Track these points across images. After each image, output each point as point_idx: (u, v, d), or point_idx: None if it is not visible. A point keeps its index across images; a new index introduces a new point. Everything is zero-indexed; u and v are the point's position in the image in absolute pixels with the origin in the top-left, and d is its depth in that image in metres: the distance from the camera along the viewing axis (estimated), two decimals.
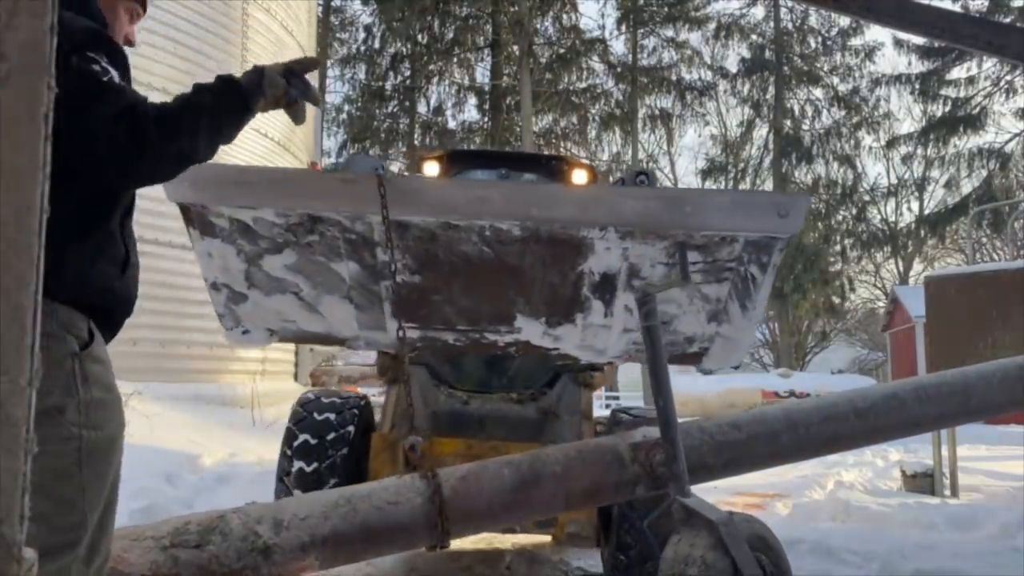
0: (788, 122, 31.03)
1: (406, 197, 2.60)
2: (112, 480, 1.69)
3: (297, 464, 4.01)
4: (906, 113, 35.49)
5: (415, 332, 3.00)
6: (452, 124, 27.62)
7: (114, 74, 1.63)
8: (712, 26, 30.43)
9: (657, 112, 30.39)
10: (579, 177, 4.82)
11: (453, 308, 2.92)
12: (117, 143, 1.56)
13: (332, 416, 4.09)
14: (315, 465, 3.99)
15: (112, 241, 1.73)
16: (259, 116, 1.99)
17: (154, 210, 8.74)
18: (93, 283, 1.67)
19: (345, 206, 2.60)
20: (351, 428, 4.06)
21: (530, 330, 2.94)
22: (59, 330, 1.54)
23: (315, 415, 4.10)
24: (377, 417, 4.41)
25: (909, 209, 33.77)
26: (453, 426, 4.22)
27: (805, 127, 31.45)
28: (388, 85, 27.53)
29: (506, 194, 2.62)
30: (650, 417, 3.82)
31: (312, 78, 2.01)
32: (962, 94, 30.78)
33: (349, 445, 4.02)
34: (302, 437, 4.06)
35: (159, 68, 8.87)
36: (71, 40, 1.52)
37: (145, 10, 2.01)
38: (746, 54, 31.56)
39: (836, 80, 31.58)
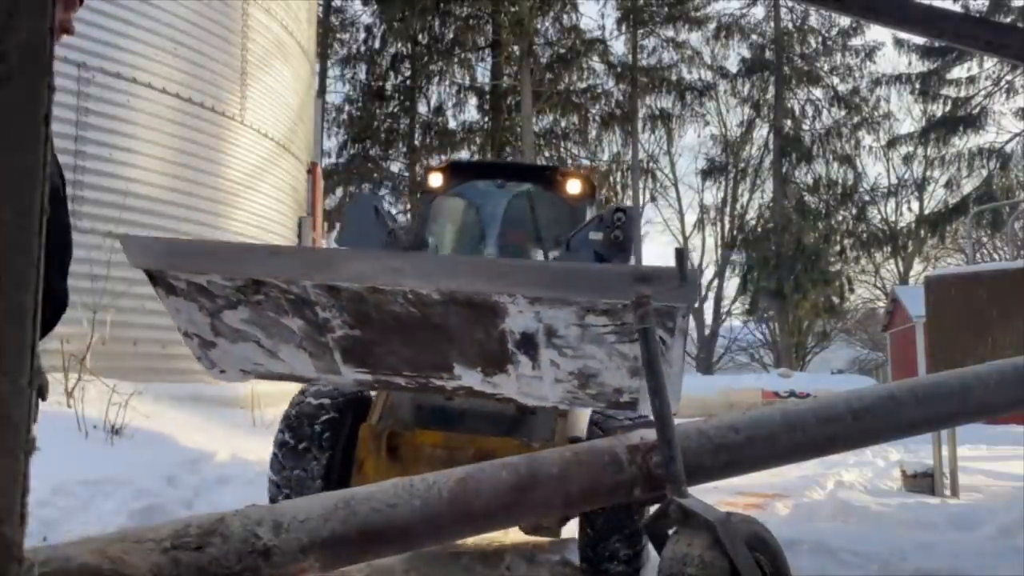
0: (788, 122, 31.05)
1: (329, 267, 2.92)
2: None
3: (287, 465, 4.33)
4: (906, 113, 35.61)
5: (368, 376, 3.27)
6: (452, 124, 27.67)
7: None
8: (712, 26, 30.51)
9: (657, 112, 30.45)
10: (573, 187, 5.06)
11: (395, 358, 3.16)
12: None
13: (322, 415, 4.37)
14: (301, 469, 4.30)
15: None
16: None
17: (155, 210, 8.78)
18: None
19: (276, 273, 2.88)
20: (339, 425, 4.34)
21: (469, 378, 3.13)
22: None
23: (304, 417, 4.38)
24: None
25: (909, 209, 33.83)
26: (435, 419, 4.42)
27: (805, 127, 31.50)
28: (388, 85, 27.55)
29: (418, 266, 2.88)
30: (626, 424, 3.99)
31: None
32: (962, 94, 30.83)
33: (337, 441, 4.32)
34: (290, 438, 4.35)
35: (159, 68, 8.88)
36: None
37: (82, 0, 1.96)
38: (746, 54, 31.64)
39: (836, 80, 31.65)
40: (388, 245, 4.77)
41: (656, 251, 57.84)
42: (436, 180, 5.40)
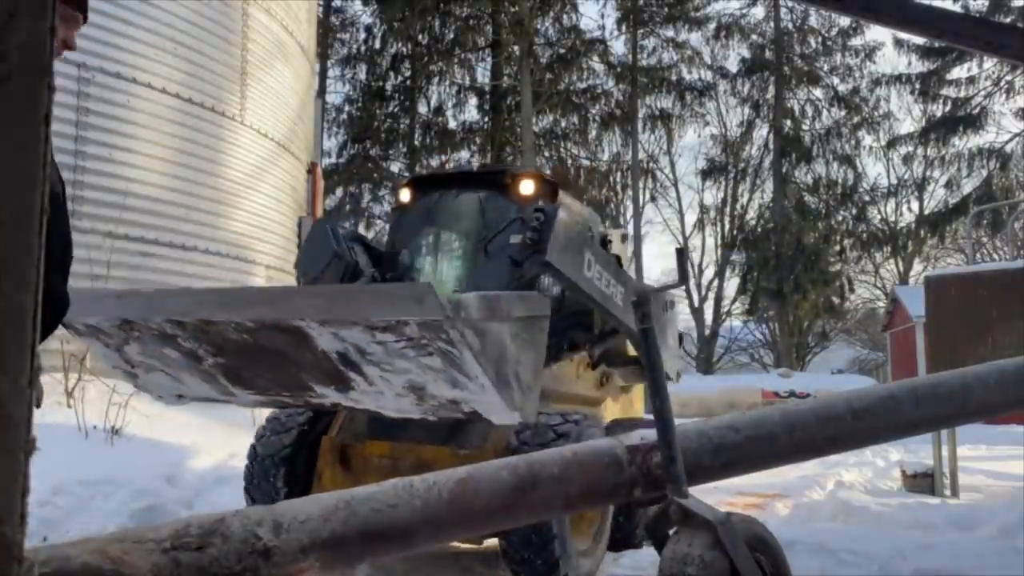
0: (788, 122, 31.04)
1: (151, 305, 3.29)
2: None
3: (255, 478, 4.67)
4: (906, 113, 35.60)
5: (261, 397, 3.52)
6: (452, 124, 27.65)
7: None
8: (712, 26, 30.51)
9: (657, 112, 30.43)
10: (526, 187, 5.01)
11: (265, 380, 3.38)
12: None
13: (288, 431, 4.68)
14: (270, 478, 4.62)
15: None
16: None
17: (155, 211, 8.77)
18: None
19: (130, 313, 3.24)
20: (302, 441, 4.66)
21: (332, 396, 3.30)
22: None
23: (270, 434, 4.71)
24: None
25: (909, 209, 33.83)
26: (382, 431, 4.59)
27: (805, 127, 31.48)
28: (388, 85, 27.54)
29: (220, 299, 3.13)
30: (550, 437, 4.12)
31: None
32: (962, 94, 30.83)
33: (298, 455, 4.65)
34: (258, 452, 4.67)
35: (159, 68, 8.88)
36: None
37: (86, 18, 2.02)
38: (746, 54, 31.63)
39: (836, 80, 31.65)
40: (329, 269, 4.98)
41: (656, 251, 57.86)
42: (405, 195, 5.51)
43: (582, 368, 5.16)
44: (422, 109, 27.80)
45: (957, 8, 25.23)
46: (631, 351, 5.42)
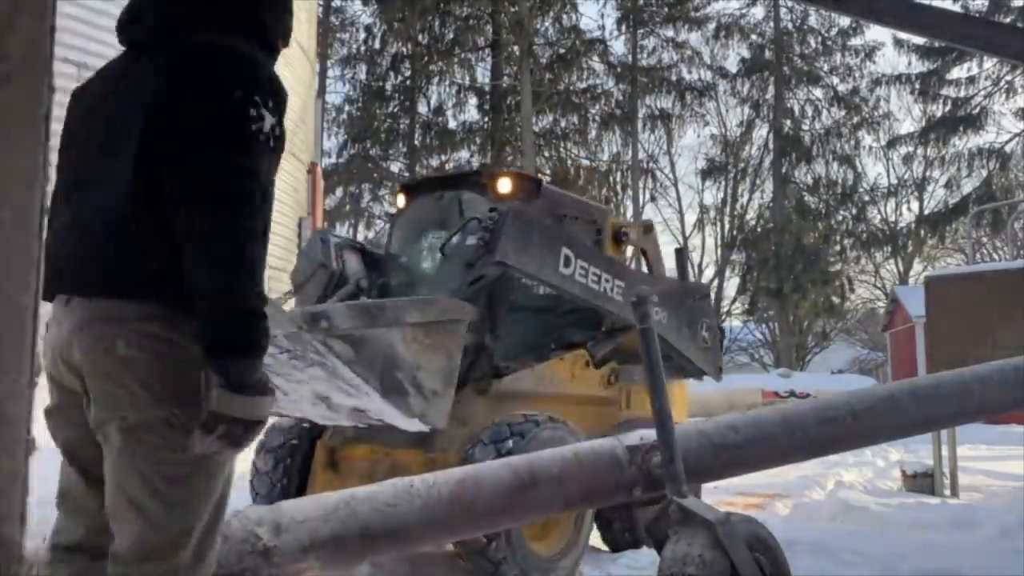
0: (788, 122, 31.02)
1: None
2: (223, 489, 1.69)
3: (259, 476, 4.85)
4: (906, 113, 35.61)
5: None
6: (452, 124, 27.64)
7: (267, 125, 1.58)
8: (712, 26, 30.45)
9: (657, 112, 30.40)
10: (503, 186, 4.97)
11: None
12: (201, 192, 1.51)
13: (287, 435, 4.85)
14: (271, 479, 4.79)
15: None
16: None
17: None
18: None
19: None
20: (297, 447, 4.84)
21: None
22: (187, 340, 1.54)
23: (273, 437, 4.87)
24: None
25: (909, 209, 33.79)
26: (366, 434, 4.57)
27: (805, 127, 31.45)
28: (388, 85, 27.53)
29: None
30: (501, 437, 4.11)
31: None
32: (962, 94, 30.83)
33: (294, 460, 4.83)
34: (262, 455, 4.88)
35: None
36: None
37: (286, 42, 1.95)
38: (746, 54, 31.58)
39: (836, 80, 31.60)
40: (313, 279, 5.18)
41: None
42: (400, 201, 5.63)
43: (579, 367, 5.07)
44: (422, 109, 27.81)
45: (957, 8, 25.23)
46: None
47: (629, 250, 6.04)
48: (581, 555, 4.53)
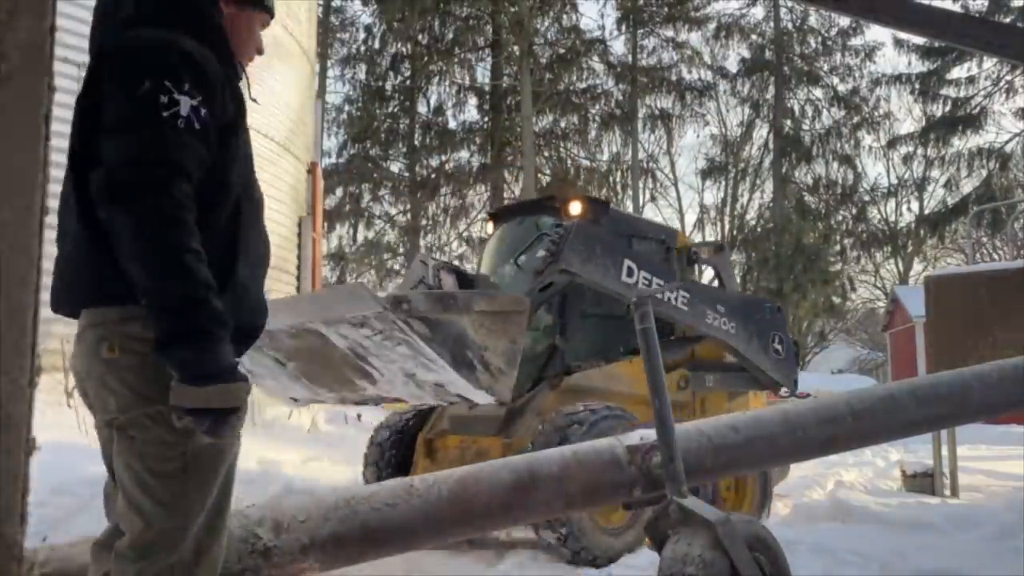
0: (788, 122, 31.01)
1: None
2: (223, 486, 1.70)
3: (369, 467, 5.64)
4: (906, 113, 35.58)
5: (334, 395, 4.22)
6: (452, 124, 27.63)
7: (184, 108, 1.54)
8: (712, 26, 30.44)
9: (657, 112, 30.38)
10: (573, 208, 5.69)
11: (329, 379, 4.07)
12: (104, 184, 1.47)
13: (392, 430, 5.69)
14: (378, 467, 5.55)
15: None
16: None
17: None
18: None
19: None
20: (400, 441, 5.62)
21: (368, 388, 3.92)
22: None
23: (384, 428, 5.76)
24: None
25: (909, 209, 33.79)
26: (458, 425, 5.44)
27: (805, 127, 31.45)
28: (388, 85, 27.51)
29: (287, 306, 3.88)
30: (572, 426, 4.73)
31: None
32: (962, 94, 30.82)
33: (398, 453, 5.59)
34: (372, 448, 5.69)
35: None
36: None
37: (272, 15, 2.03)
38: (746, 54, 31.58)
39: (836, 80, 31.60)
40: (414, 291, 5.89)
41: None
42: (488, 228, 6.68)
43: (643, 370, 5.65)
44: (422, 109, 27.79)
45: (957, 8, 25.22)
46: (727, 357, 6.06)
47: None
48: (641, 532, 5.32)
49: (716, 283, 6.65)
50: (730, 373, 6.14)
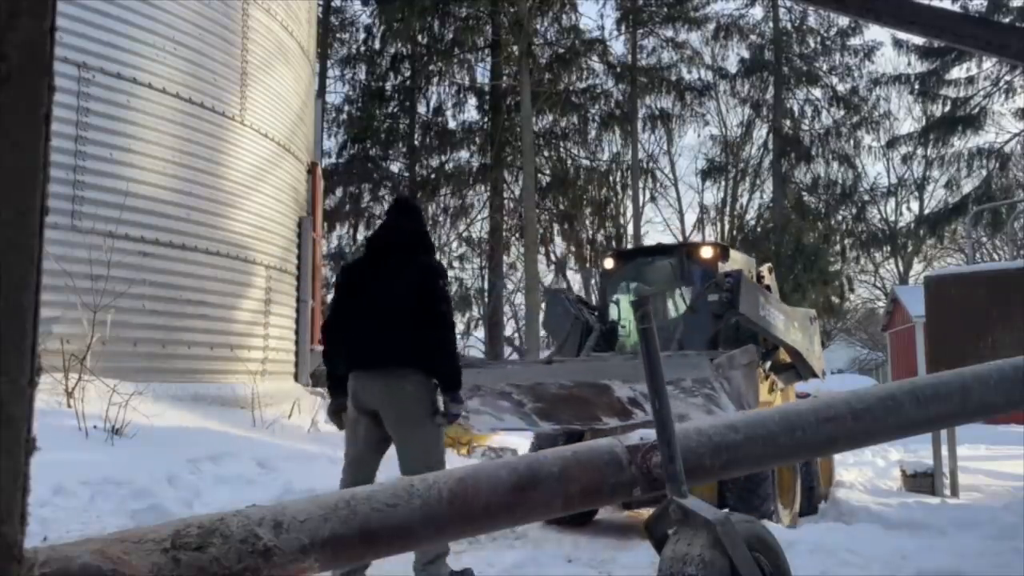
0: (788, 122, 31.02)
1: (494, 374, 5.80)
2: (442, 447, 4.19)
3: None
4: (906, 113, 35.55)
5: (556, 425, 5.73)
6: (452, 124, 27.63)
7: (450, 290, 3.12)
8: (712, 26, 30.44)
9: (657, 112, 30.38)
10: (705, 253, 6.71)
11: (567, 415, 5.46)
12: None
13: (540, 440, 6.31)
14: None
15: None
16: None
17: (155, 211, 8.77)
18: None
19: (482, 381, 5.62)
20: (558, 443, 6.21)
21: (612, 422, 5.13)
22: (431, 383, 4.10)
23: (538, 445, 6.28)
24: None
25: (909, 209, 33.83)
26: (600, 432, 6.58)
27: (805, 127, 31.44)
28: (388, 85, 27.51)
29: (551, 371, 5.51)
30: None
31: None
32: (962, 94, 30.83)
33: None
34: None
35: (159, 68, 8.88)
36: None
37: None
38: (745, 54, 31.57)
39: (835, 80, 31.60)
40: (572, 330, 6.90)
41: None
42: (609, 264, 7.51)
43: (762, 379, 6.36)
44: (422, 109, 27.78)
45: (957, 8, 25.22)
46: (786, 358, 7.08)
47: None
48: (798, 510, 6.38)
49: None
50: (790, 371, 7.13)
